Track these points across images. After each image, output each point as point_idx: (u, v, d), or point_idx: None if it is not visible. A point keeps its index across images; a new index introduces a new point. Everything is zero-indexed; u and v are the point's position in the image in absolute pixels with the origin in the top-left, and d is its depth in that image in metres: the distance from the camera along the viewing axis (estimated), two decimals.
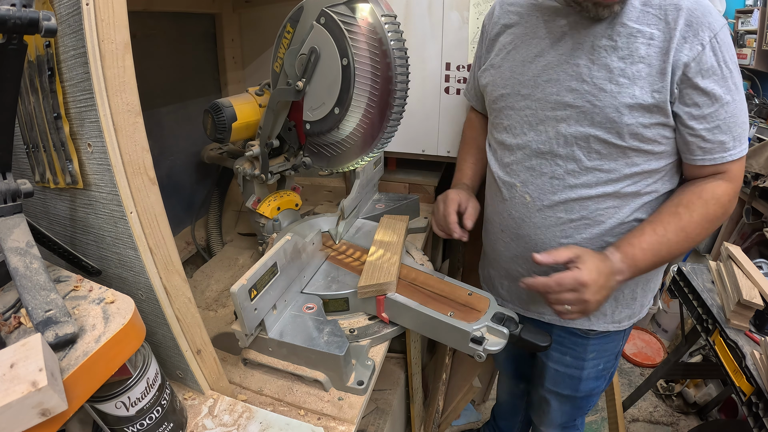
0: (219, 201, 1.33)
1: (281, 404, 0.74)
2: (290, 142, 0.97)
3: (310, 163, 0.93)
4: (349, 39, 0.74)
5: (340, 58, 0.76)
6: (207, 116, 0.98)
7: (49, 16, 0.41)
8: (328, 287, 0.87)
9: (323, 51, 0.78)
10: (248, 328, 0.72)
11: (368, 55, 0.75)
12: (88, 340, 0.44)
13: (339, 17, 0.74)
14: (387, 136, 0.82)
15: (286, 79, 0.85)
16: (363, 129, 0.81)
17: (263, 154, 0.97)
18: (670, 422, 1.85)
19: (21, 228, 0.49)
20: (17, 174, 0.55)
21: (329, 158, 0.90)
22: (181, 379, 0.67)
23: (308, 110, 0.86)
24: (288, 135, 0.96)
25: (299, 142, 0.95)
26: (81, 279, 0.54)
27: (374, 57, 0.75)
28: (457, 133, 1.31)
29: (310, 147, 0.91)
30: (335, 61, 0.77)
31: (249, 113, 0.98)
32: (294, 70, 0.84)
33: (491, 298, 0.81)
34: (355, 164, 0.88)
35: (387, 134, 0.81)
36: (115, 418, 0.53)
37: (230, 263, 1.17)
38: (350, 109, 0.80)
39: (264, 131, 0.95)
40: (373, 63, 0.75)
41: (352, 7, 0.74)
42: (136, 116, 0.50)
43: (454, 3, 1.16)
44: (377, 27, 0.73)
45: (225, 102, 0.96)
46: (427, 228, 1.24)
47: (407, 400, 1.33)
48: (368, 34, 0.74)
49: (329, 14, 0.75)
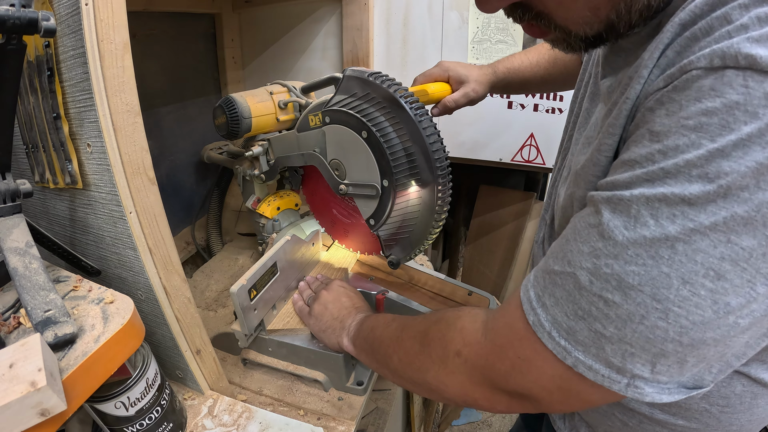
0: (219, 201, 1.33)
1: (281, 404, 0.74)
2: (293, 183, 0.98)
3: (397, 260, 0.78)
4: (356, 114, 0.69)
5: (359, 133, 0.69)
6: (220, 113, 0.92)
7: (48, 16, 0.41)
8: None
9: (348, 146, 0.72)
10: (248, 328, 0.72)
11: (380, 113, 0.67)
12: (87, 340, 0.44)
13: (338, 105, 0.71)
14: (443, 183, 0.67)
15: (314, 145, 0.80)
16: (419, 188, 0.70)
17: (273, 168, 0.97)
18: None
19: (20, 228, 0.49)
20: (17, 174, 0.55)
21: (408, 240, 0.76)
22: (180, 379, 0.67)
23: (363, 206, 0.76)
24: (293, 176, 0.96)
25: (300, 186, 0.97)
26: (80, 279, 0.54)
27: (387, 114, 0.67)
28: (457, 133, 1.31)
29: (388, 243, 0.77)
30: (357, 140, 0.70)
31: (265, 126, 0.94)
32: (325, 156, 0.78)
33: (491, 299, 0.81)
34: (432, 230, 0.72)
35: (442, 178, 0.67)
36: (115, 418, 0.53)
37: (230, 263, 1.17)
38: (396, 173, 0.68)
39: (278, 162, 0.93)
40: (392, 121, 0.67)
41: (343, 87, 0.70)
42: (135, 116, 0.50)
43: (454, 3, 1.16)
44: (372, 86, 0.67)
45: (245, 110, 0.89)
46: None
47: (407, 400, 1.33)
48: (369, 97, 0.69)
49: (329, 111, 0.73)
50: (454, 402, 0.50)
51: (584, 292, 0.35)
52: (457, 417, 1.83)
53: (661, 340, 0.32)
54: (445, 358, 0.48)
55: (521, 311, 0.40)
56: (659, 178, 0.31)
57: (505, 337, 0.42)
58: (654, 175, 0.31)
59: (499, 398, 0.44)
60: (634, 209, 0.32)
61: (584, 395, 0.39)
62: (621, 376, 0.35)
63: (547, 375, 0.39)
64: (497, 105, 1.26)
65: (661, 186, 0.31)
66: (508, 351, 0.41)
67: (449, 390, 0.48)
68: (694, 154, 0.29)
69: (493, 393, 0.44)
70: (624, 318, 0.33)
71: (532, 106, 1.24)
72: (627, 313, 0.33)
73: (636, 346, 0.33)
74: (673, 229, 0.30)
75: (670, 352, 0.32)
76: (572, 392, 0.39)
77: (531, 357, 0.39)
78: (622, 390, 0.35)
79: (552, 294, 0.38)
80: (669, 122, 0.31)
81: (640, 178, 0.32)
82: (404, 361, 0.54)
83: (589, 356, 0.36)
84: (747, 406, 0.47)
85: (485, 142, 1.31)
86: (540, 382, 0.40)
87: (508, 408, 0.45)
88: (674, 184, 0.30)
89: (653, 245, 0.31)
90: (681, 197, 0.29)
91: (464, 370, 0.46)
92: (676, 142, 0.30)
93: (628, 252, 0.32)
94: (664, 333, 0.32)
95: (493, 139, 1.30)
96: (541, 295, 0.39)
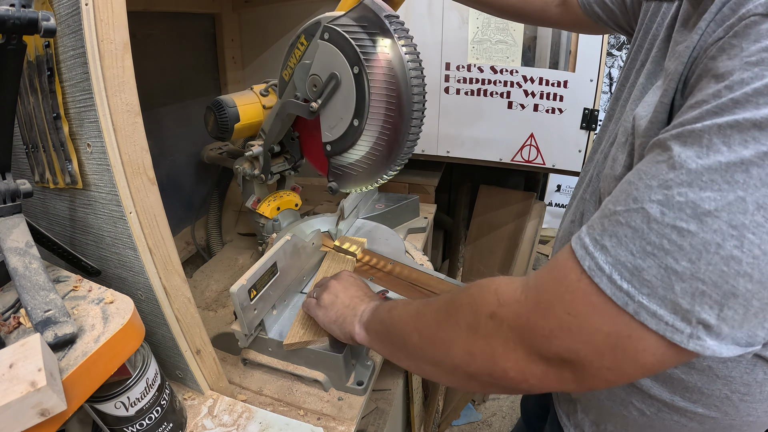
0: (219, 201, 1.33)
1: (281, 404, 0.74)
2: (292, 151, 0.97)
3: (336, 188, 0.87)
4: (356, 47, 0.72)
5: (351, 68, 0.73)
6: (209, 113, 0.97)
7: (48, 16, 0.41)
8: None
9: (335, 68, 0.75)
10: (248, 328, 0.72)
11: (379, 57, 0.72)
12: (87, 340, 0.44)
13: (342, 28, 0.72)
14: (410, 144, 0.76)
15: (294, 91, 0.83)
16: (385, 139, 0.76)
17: (265, 156, 0.97)
18: None
19: (20, 228, 0.49)
20: (17, 174, 0.55)
21: (355, 177, 0.84)
22: (180, 379, 0.67)
23: (327, 130, 0.82)
24: (290, 144, 0.95)
25: (300, 152, 0.95)
26: (80, 279, 0.54)
27: (385, 59, 0.72)
28: (457, 133, 1.31)
29: (334, 170, 0.85)
30: (347, 72, 0.74)
31: (252, 114, 0.97)
32: (304, 86, 0.81)
33: None
34: (382, 179, 0.81)
35: (410, 142, 0.76)
36: (115, 418, 0.53)
37: (230, 263, 1.17)
38: (370, 118, 0.75)
39: (268, 138, 0.94)
40: (386, 65, 0.72)
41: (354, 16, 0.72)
42: (135, 116, 0.50)
43: (454, 3, 1.16)
44: (383, 29, 0.71)
45: (229, 101, 0.95)
46: (427, 228, 1.24)
47: (407, 400, 1.33)
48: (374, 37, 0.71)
49: (332, 28, 0.73)
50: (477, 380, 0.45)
51: (654, 224, 0.33)
52: (457, 417, 1.83)
53: (734, 274, 0.31)
54: (475, 324, 0.44)
55: (573, 262, 0.37)
56: (728, 108, 0.31)
57: (552, 293, 0.38)
58: (723, 106, 0.32)
59: (534, 367, 0.40)
60: (706, 138, 0.32)
61: (639, 356, 0.36)
62: (685, 324, 0.34)
63: (602, 332, 0.36)
64: (497, 105, 1.26)
65: (732, 114, 0.31)
66: (555, 307, 0.38)
67: (476, 362, 0.44)
68: (760, 83, 0.30)
69: (528, 360, 0.40)
70: (699, 248, 0.31)
71: (532, 106, 1.24)
72: (703, 242, 0.31)
73: (708, 283, 0.32)
74: (747, 153, 0.30)
75: (740, 290, 0.32)
76: (627, 352, 0.36)
77: (583, 311, 0.36)
78: (684, 341, 0.34)
79: (613, 235, 0.35)
80: (732, 63, 0.32)
81: (710, 112, 0.32)
82: (425, 336, 0.50)
83: (654, 300, 0.34)
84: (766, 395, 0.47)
85: (485, 142, 1.31)
86: (591, 342, 0.36)
87: (541, 381, 0.41)
88: (744, 111, 0.31)
89: (728, 170, 0.31)
90: (752, 122, 0.30)
91: (498, 334, 0.41)
92: (741, 77, 0.31)
93: (702, 178, 0.31)
94: (738, 264, 0.31)
95: (493, 139, 1.30)
96: (599, 238, 0.36)
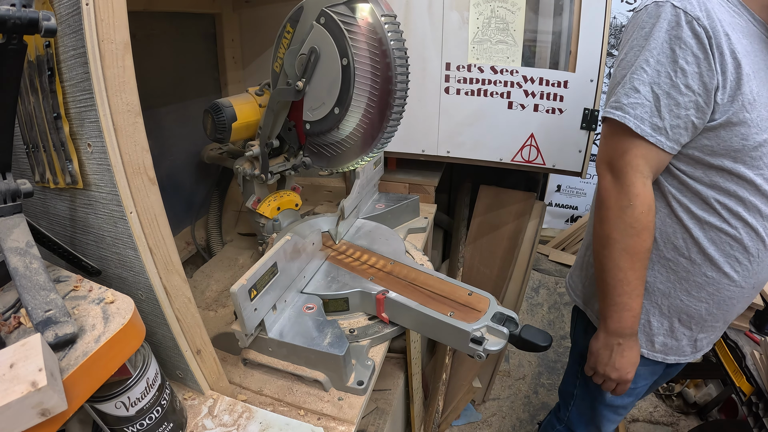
0: (219, 201, 1.33)
1: (281, 404, 0.74)
2: (290, 142, 0.96)
3: (310, 163, 0.93)
4: (349, 39, 0.74)
5: (340, 58, 0.76)
6: (207, 116, 0.98)
7: (49, 16, 0.41)
8: (328, 287, 0.87)
9: (323, 51, 0.78)
10: (248, 328, 0.72)
11: (368, 55, 0.75)
12: (87, 340, 0.44)
13: (339, 17, 0.74)
14: (387, 136, 0.82)
15: (285, 79, 0.85)
16: (363, 129, 0.81)
17: (263, 154, 0.97)
18: (670, 422, 1.85)
19: (21, 228, 0.49)
20: (17, 174, 0.55)
21: (329, 158, 0.90)
22: (181, 379, 0.67)
23: (308, 110, 0.86)
24: (288, 135, 0.96)
25: (299, 142, 0.95)
26: (81, 279, 0.54)
27: (374, 57, 0.75)
28: (457, 133, 1.31)
29: (310, 147, 0.91)
30: (335, 61, 0.77)
31: (249, 113, 0.98)
32: (294, 70, 0.84)
33: (491, 298, 0.81)
34: (355, 164, 0.88)
35: (387, 134, 0.81)
36: (115, 418, 0.53)
37: (230, 263, 1.17)
38: (350, 109, 0.79)
39: (264, 131, 0.95)
40: (373, 63, 0.75)
41: (352, 7, 0.74)
42: (135, 116, 0.50)
43: (454, 3, 1.16)
44: (377, 27, 0.73)
45: (225, 102, 0.96)
46: (427, 228, 1.24)
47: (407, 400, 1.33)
48: (368, 34, 0.74)
49: (329, 14, 0.75)
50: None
51: None
52: (457, 417, 1.83)
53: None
54: None
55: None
56: None
57: None
58: None
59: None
60: None
61: None
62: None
63: None
64: (497, 105, 1.26)
65: None
66: None
67: None
68: None
69: None
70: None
71: (533, 106, 1.24)
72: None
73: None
74: None
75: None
76: None
77: None
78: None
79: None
80: None
81: None
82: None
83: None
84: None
85: (485, 142, 1.31)
86: None
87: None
88: None
89: None
90: None
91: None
92: None
93: None
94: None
95: (493, 139, 1.30)
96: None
